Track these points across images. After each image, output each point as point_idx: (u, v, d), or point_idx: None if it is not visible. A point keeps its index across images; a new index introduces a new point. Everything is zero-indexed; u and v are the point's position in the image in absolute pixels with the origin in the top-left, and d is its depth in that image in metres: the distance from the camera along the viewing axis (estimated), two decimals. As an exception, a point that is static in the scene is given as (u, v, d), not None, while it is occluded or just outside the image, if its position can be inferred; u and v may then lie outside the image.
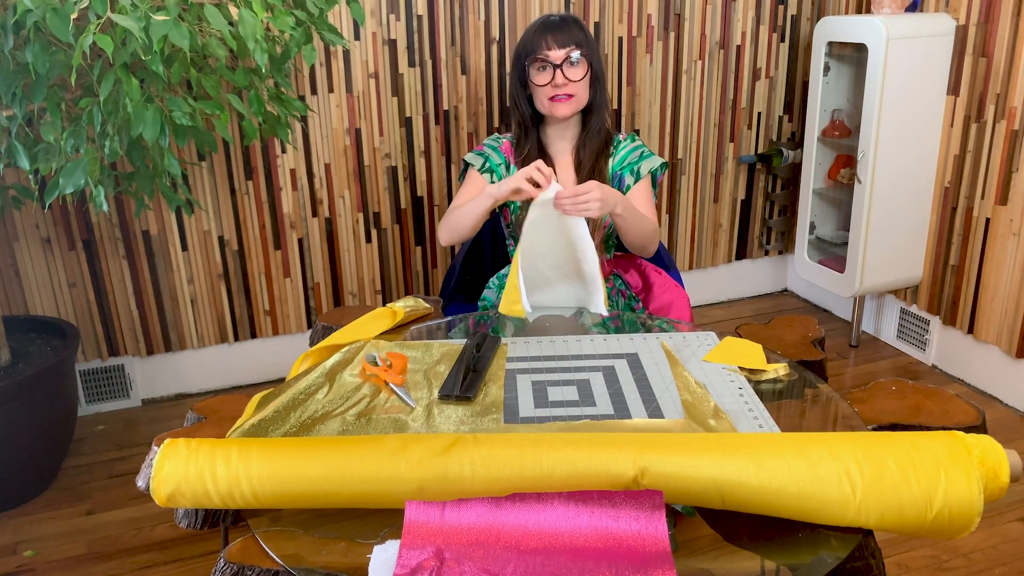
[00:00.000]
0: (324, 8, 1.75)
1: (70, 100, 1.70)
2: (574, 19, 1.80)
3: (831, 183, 2.91)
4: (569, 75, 1.75)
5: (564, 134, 1.85)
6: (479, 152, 1.89)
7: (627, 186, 1.82)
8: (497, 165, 1.86)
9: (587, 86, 1.79)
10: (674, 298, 1.94)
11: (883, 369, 2.76)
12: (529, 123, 1.84)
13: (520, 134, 1.87)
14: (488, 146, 1.90)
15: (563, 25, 1.77)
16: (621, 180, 1.83)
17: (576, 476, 0.98)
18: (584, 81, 1.77)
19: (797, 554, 0.95)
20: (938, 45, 2.51)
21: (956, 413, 1.25)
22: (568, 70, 1.75)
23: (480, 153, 1.89)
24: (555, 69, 1.74)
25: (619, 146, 1.87)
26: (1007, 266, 2.43)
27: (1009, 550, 1.88)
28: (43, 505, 2.13)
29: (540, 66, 1.76)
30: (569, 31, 1.76)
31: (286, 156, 2.55)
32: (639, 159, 1.85)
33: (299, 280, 2.69)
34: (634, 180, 1.83)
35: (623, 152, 1.86)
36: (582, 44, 1.76)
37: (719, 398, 1.26)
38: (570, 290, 1.67)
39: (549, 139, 1.87)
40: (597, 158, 1.83)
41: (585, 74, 1.76)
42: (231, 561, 1.00)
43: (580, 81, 1.76)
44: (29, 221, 2.35)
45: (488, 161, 1.87)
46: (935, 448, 0.96)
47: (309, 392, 1.28)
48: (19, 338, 2.23)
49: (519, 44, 1.82)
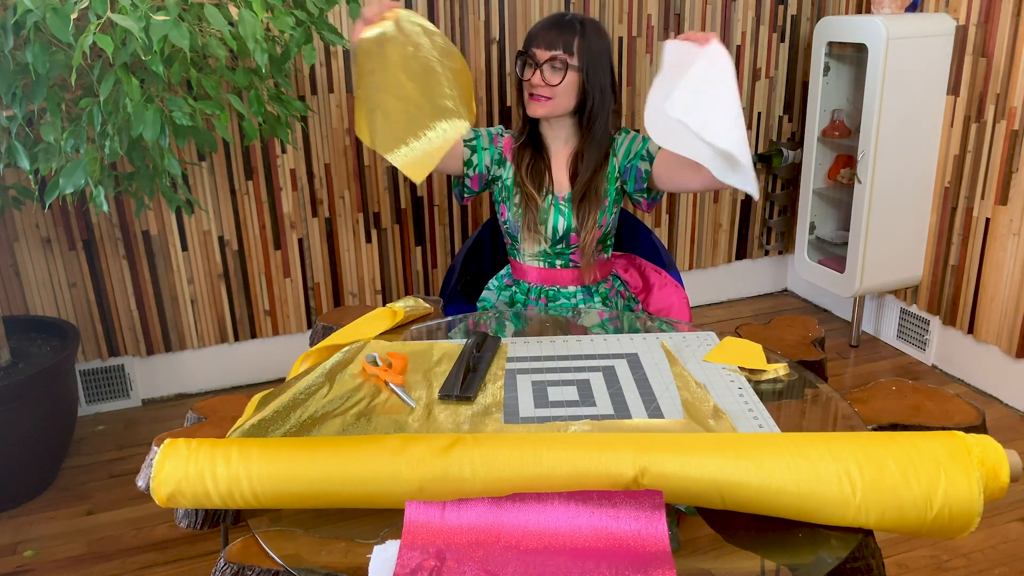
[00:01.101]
0: (324, 8, 1.74)
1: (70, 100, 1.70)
2: (581, 23, 1.74)
3: (831, 183, 2.92)
4: (548, 78, 1.72)
5: (557, 134, 1.84)
6: (475, 129, 1.86)
7: (645, 171, 1.77)
8: (483, 149, 1.84)
9: (567, 93, 1.74)
10: (674, 299, 1.93)
11: (883, 369, 2.76)
12: (526, 115, 1.84)
13: (521, 127, 1.87)
14: (487, 130, 1.88)
15: (562, 27, 1.73)
16: (636, 170, 1.79)
17: (576, 476, 0.98)
18: (562, 87, 1.73)
19: (797, 554, 0.95)
20: (938, 45, 2.51)
21: (956, 413, 1.25)
22: (548, 73, 1.72)
23: (476, 130, 1.86)
24: (537, 68, 1.73)
25: (616, 143, 1.83)
26: (1007, 266, 2.43)
27: (1009, 550, 1.88)
28: (43, 505, 2.14)
29: (527, 62, 1.75)
30: (566, 34, 1.72)
31: (286, 156, 2.55)
32: (643, 144, 1.80)
33: (299, 280, 2.69)
34: (649, 162, 1.78)
35: (624, 146, 1.82)
36: (572, 51, 1.71)
37: (719, 398, 1.26)
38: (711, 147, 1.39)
39: (545, 137, 1.86)
40: (594, 172, 1.79)
41: (561, 81, 1.72)
42: (231, 561, 1.00)
43: (557, 86, 1.72)
44: (29, 221, 2.35)
45: (478, 140, 1.84)
46: (935, 448, 0.96)
47: (309, 392, 1.28)
48: (19, 338, 2.23)
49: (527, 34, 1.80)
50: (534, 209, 1.80)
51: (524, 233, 1.83)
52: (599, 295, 1.88)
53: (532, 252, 1.86)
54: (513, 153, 1.84)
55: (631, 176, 1.80)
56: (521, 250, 1.88)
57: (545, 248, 1.84)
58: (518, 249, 1.88)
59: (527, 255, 1.87)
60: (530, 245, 1.86)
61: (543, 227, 1.81)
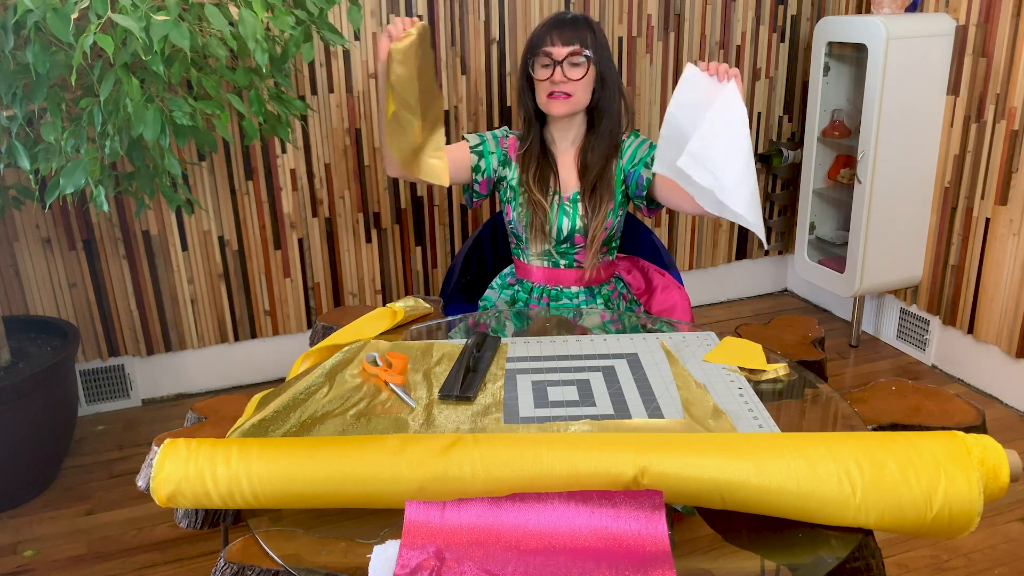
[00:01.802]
0: (324, 8, 1.75)
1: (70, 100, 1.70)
2: (586, 19, 1.78)
3: (831, 183, 2.92)
4: (569, 74, 1.74)
5: (566, 135, 1.84)
6: (480, 134, 1.88)
7: (646, 179, 1.79)
8: (490, 153, 1.84)
9: (587, 88, 1.77)
10: (677, 298, 1.93)
11: (883, 369, 2.76)
12: (533, 119, 1.84)
13: (525, 130, 1.86)
14: (492, 133, 1.88)
15: (573, 23, 1.75)
16: (638, 176, 1.80)
17: (576, 476, 0.98)
18: (583, 82, 1.75)
19: (797, 554, 0.95)
20: (938, 45, 2.51)
21: (956, 413, 1.25)
22: (568, 69, 1.74)
23: (481, 135, 1.87)
24: (556, 66, 1.73)
25: (624, 145, 1.85)
26: (1007, 266, 2.43)
27: (1009, 550, 1.88)
28: (43, 505, 2.14)
29: (543, 62, 1.75)
30: (578, 30, 1.74)
31: (286, 156, 2.55)
32: (649, 151, 1.82)
33: (299, 280, 2.69)
34: (651, 172, 1.80)
35: (631, 149, 1.83)
36: (587, 45, 1.74)
37: (719, 398, 1.26)
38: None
39: (552, 137, 1.86)
40: (606, 162, 1.81)
41: (584, 75, 1.75)
42: (231, 561, 1.00)
43: (579, 81, 1.74)
44: (29, 221, 2.35)
45: (484, 145, 1.85)
46: (935, 448, 0.96)
47: (309, 392, 1.28)
48: (19, 338, 2.23)
49: (529, 38, 1.80)
50: (542, 215, 1.81)
51: (529, 233, 1.84)
52: (601, 296, 1.88)
53: (536, 251, 1.87)
54: (518, 157, 1.84)
55: (633, 181, 1.81)
56: (525, 249, 1.88)
57: (549, 247, 1.85)
58: (522, 248, 1.89)
59: (531, 254, 1.88)
60: (535, 244, 1.86)
61: (549, 228, 1.82)
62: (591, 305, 1.86)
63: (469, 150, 1.83)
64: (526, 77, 1.81)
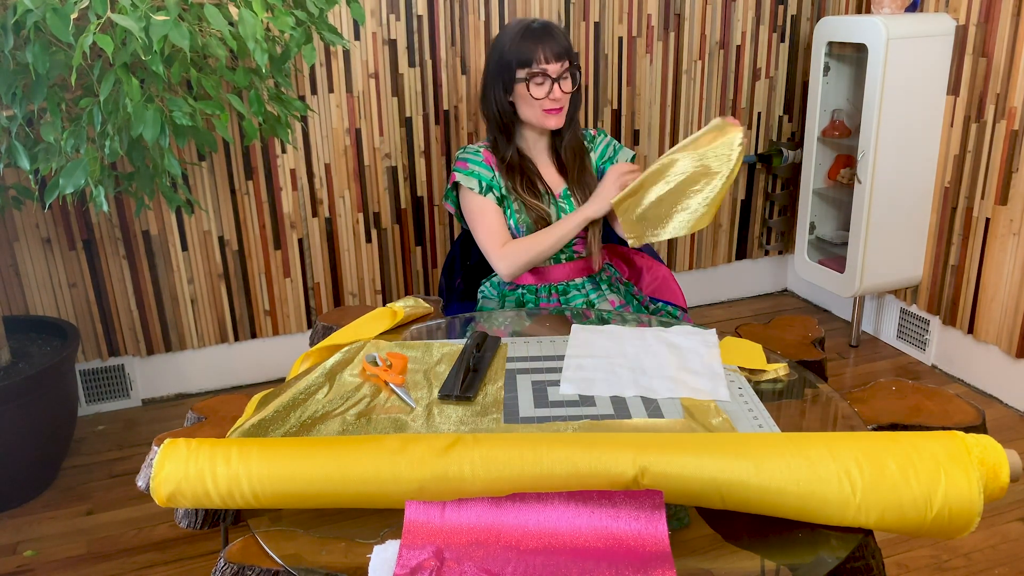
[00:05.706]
0: (324, 8, 1.75)
1: (70, 100, 1.70)
2: (556, 25, 1.80)
3: (831, 183, 2.92)
4: (564, 88, 1.78)
5: (541, 138, 1.89)
6: (466, 171, 1.84)
7: None
8: (491, 180, 1.83)
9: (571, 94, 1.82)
10: (663, 273, 2.00)
11: (883, 369, 2.76)
12: (511, 128, 1.84)
13: (497, 137, 1.86)
14: (471, 161, 1.85)
15: (553, 35, 1.76)
16: (603, 173, 1.87)
17: (576, 476, 0.98)
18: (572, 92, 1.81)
19: (797, 554, 0.95)
20: (938, 45, 2.51)
21: (956, 413, 1.25)
22: (563, 84, 1.77)
23: (469, 172, 1.83)
24: (554, 83, 1.75)
25: (595, 141, 1.94)
26: (1007, 266, 2.43)
27: (1009, 550, 1.88)
28: (43, 505, 2.14)
29: (538, 80, 1.75)
30: (559, 41, 1.76)
31: (286, 156, 2.55)
32: (615, 152, 1.93)
33: (299, 280, 2.69)
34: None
35: (601, 147, 1.94)
36: (573, 56, 1.78)
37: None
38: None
39: (527, 143, 1.88)
40: (583, 156, 1.88)
41: (575, 86, 1.80)
42: (231, 561, 1.00)
43: (572, 92, 1.81)
44: (29, 221, 2.35)
45: (481, 180, 1.83)
46: (935, 448, 0.96)
47: (309, 392, 1.28)
48: (19, 338, 2.23)
49: (505, 49, 1.77)
50: (544, 217, 1.83)
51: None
52: (604, 283, 1.90)
53: None
54: (499, 168, 1.85)
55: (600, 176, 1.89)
56: None
57: None
58: None
59: None
60: None
61: None
62: (597, 294, 1.89)
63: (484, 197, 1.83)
64: (504, 89, 1.79)
